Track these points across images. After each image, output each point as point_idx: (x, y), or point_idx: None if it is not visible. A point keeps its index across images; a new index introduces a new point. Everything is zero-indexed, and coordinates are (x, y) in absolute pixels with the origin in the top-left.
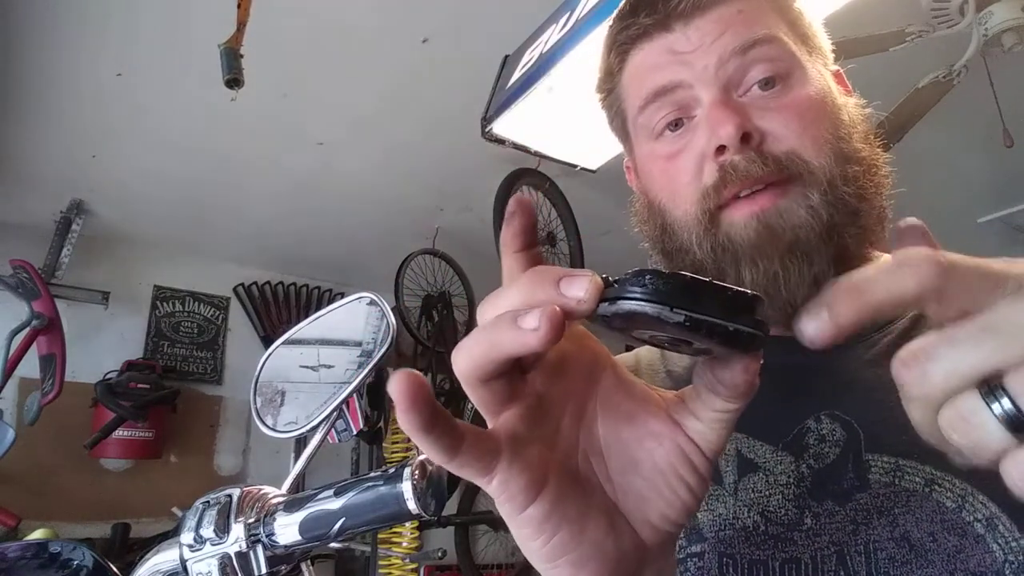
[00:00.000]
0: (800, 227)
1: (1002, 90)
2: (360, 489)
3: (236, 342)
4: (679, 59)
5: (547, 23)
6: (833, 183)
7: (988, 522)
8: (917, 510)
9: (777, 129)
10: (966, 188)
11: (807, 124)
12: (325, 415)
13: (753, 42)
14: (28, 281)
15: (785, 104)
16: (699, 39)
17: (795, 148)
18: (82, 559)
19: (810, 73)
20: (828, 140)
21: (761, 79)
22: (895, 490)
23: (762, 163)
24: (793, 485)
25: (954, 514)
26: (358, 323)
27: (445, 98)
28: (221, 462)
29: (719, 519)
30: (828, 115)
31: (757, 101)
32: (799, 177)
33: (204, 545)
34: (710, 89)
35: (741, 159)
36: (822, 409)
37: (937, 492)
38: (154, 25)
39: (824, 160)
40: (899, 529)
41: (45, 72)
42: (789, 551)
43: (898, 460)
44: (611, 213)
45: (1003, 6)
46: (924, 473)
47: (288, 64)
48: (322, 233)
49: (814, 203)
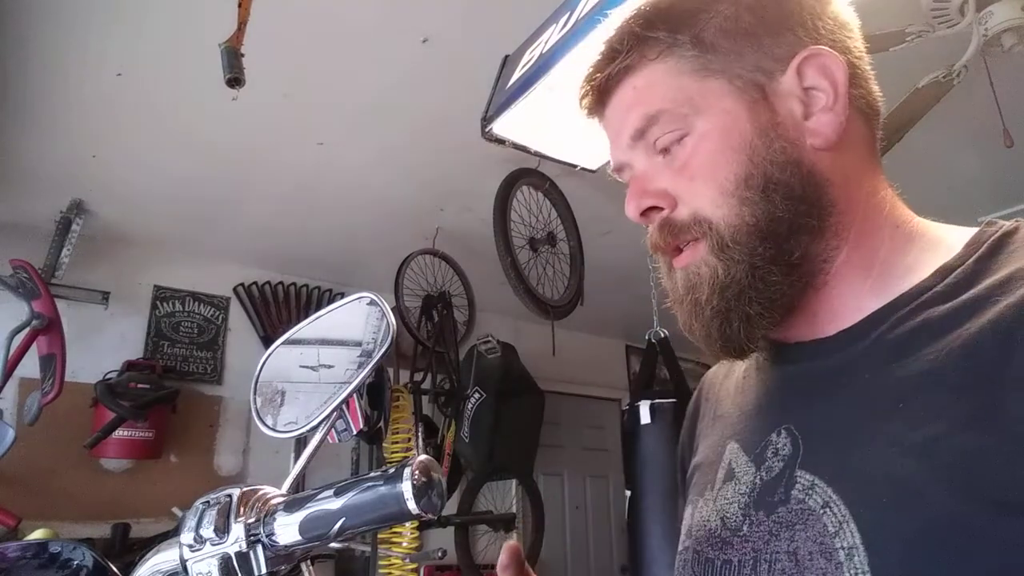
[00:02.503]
0: (700, 284)
1: (1002, 90)
2: (360, 489)
3: (236, 342)
4: (614, 140)
5: (547, 23)
6: (736, 236)
7: (849, 552)
8: (810, 529)
9: (682, 193)
10: (966, 188)
11: (703, 182)
12: (325, 415)
13: (646, 122)
14: (28, 281)
15: (681, 168)
16: (616, 122)
17: (696, 209)
18: (82, 559)
19: (708, 123)
20: (728, 191)
21: (661, 149)
22: (803, 508)
23: (669, 232)
24: (747, 494)
25: (830, 538)
26: (358, 323)
27: (445, 98)
28: (221, 462)
29: (700, 520)
30: (729, 162)
31: (664, 169)
32: (706, 236)
33: (204, 545)
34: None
35: (654, 229)
36: (786, 422)
37: (827, 515)
38: (155, 25)
39: (724, 212)
40: (793, 544)
41: (45, 72)
42: (728, 553)
43: (815, 479)
44: (611, 213)
45: (1003, 6)
46: (825, 494)
47: (288, 64)
48: (322, 233)
49: (711, 263)
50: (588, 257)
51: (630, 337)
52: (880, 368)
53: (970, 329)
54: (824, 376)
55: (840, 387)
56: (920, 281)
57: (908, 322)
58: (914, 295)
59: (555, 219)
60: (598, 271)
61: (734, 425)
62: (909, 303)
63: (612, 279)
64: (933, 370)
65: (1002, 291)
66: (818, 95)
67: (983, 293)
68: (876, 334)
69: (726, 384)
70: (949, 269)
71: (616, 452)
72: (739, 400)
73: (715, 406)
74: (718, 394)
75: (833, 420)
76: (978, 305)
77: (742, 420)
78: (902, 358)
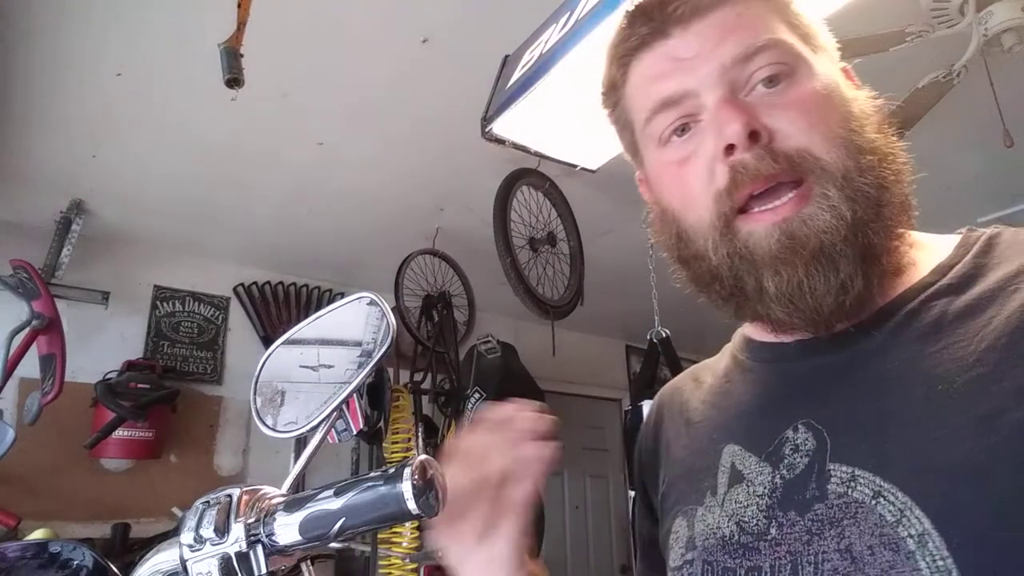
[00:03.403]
0: (825, 232)
1: (1002, 90)
2: (360, 489)
3: (236, 342)
4: (682, 65)
5: (547, 23)
6: (848, 176)
7: (920, 539)
8: (862, 522)
9: (785, 127)
10: (966, 188)
11: (815, 120)
12: (325, 415)
13: (756, 49)
14: (28, 281)
15: (791, 101)
16: (699, 44)
17: (805, 145)
18: (82, 559)
19: (816, 68)
20: (838, 134)
21: (765, 77)
22: (847, 501)
23: (772, 160)
24: (767, 496)
25: (891, 528)
26: (358, 323)
27: (445, 98)
28: (221, 462)
29: (707, 529)
30: (837, 109)
31: (763, 99)
32: (812, 174)
33: (204, 545)
34: (715, 91)
35: (751, 157)
36: (801, 418)
37: (881, 504)
38: (154, 25)
39: (836, 155)
40: (845, 540)
41: (45, 72)
42: (754, 560)
43: (854, 470)
44: (611, 213)
45: (1003, 6)
46: (874, 484)
47: (288, 64)
48: (322, 233)
49: (835, 202)
50: (588, 257)
51: (630, 337)
52: (903, 357)
53: (999, 315)
54: (838, 370)
55: (860, 379)
56: (922, 277)
57: (924, 313)
58: (919, 289)
59: (555, 219)
60: (598, 271)
61: (728, 428)
62: (917, 296)
63: (612, 279)
64: (968, 354)
65: (1020, 280)
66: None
67: (999, 284)
68: (891, 325)
69: (696, 393)
70: (948, 266)
71: (616, 452)
72: (725, 403)
73: (684, 414)
74: (686, 402)
75: (859, 411)
76: (997, 295)
77: (738, 421)
78: (927, 345)
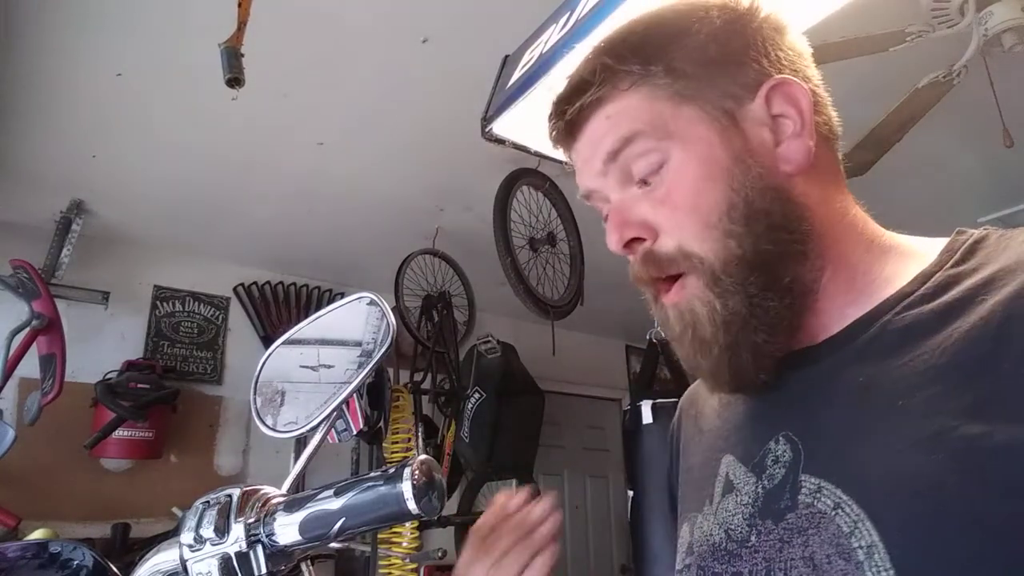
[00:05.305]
0: (699, 322)
1: (1002, 90)
2: (360, 489)
3: (236, 342)
4: (584, 168)
5: (547, 23)
6: (726, 268)
7: (868, 550)
8: (823, 532)
9: (664, 223)
10: (966, 188)
11: (687, 214)
12: (325, 415)
13: (615, 150)
14: (28, 281)
15: (663, 198)
16: (588, 152)
17: (681, 243)
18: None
19: (685, 151)
20: (711, 223)
21: (639, 179)
22: (812, 511)
23: (654, 264)
24: (750, 505)
25: (846, 539)
26: (358, 323)
27: (445, 98)
28: (221, 462)
29: (702, 536)
30: (711, 192)
31: (645, 196)
32: (691, 270)
33: (204, 545)
34: (612, 193)
35: (637, 261)
36: (783, 430)
37: (839, 516)
38: (154, 25)
39: (710, 247)
40: (809, 549)
41: (45, 72)
42: (737, 566)
43: (820, 482)
44: None
45: (1003, 6)
46: (835, 496)
47: (288, 64)
48: (322, 233)
49: (706, 297)
50: (588, 257)
51: (630, 337)
52: (873, 369)
53: (961, 327)
54: (815, 382)
55: (833, 391)
56: (901, 287)
57: (895, 325)
58: (896, 300)
59: (555, 219)
60: (598, 271)
61: (727, 439)
62: (893, 307)
63: (612, 279)
64: (929, 367)
65: (986, 291)
66: (786, 122)
67: (967, 294)
68: (865, 338)
69: (710, 401)
70: (928, 275)
71: (616, 452)
72: (727, 414)
73: (698, 421)
74: (701, 409)
75: (831, 423)
76: (964, 305)
77: (735, 433)
78: (894, 358)
